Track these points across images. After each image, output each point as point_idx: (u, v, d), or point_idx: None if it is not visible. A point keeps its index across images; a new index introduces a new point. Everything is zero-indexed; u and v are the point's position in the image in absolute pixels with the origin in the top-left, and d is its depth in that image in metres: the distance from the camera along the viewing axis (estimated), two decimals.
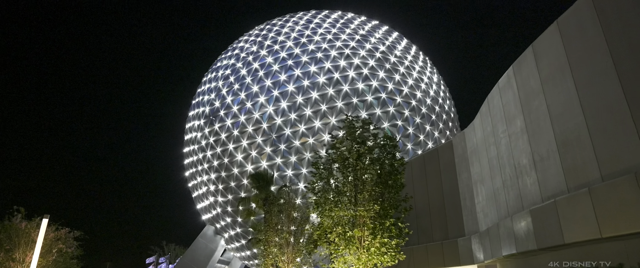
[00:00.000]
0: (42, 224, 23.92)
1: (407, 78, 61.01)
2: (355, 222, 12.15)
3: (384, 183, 12.30)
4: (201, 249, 63.46)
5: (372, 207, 11.89)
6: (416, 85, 61.57)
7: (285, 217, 22.47)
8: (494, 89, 17.06)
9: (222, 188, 59.75)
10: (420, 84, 62.08)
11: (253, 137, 56.79)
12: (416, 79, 62.24)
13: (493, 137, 17.19)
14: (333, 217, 12.22)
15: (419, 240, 22.43)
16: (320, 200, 12.68)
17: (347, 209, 12.11)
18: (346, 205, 12.15)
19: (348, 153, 12.74)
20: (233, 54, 67.18)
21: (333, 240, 12.25)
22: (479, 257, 18.46)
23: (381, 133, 12.30)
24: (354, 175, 11.95)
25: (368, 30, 65.49)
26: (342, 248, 12.05)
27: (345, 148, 12.88)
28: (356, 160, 12.20)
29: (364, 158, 12.12)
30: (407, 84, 60.35)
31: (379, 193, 12.28)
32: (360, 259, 11.69)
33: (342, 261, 12.03)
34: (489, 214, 18.14)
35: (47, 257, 26.69)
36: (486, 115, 18.03)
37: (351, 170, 11.94)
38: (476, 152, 19.82)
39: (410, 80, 61.16)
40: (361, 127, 12.88)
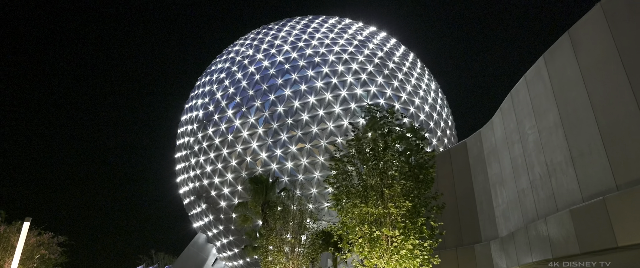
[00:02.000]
0: (23, 228, 21.99)
1: (405, 84, 60.16)
2: (383, 220, 10.79)
3: (415, 177, 11.00)
4: (192, 258, 61.22)
5: (404, 204, 10.57)
6: (414, 92, 60.73)
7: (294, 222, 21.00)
8: (519, 82, 15.93)
9: (215, 195, 57.86)
10: (418, 90, 61.27)
11: (248, 142, 55.21)
12: (414, 86, 61.44)
13: (518, 134, 16.01)
14: (358, 215, 10.83)
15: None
16: (341, 195, 11.30)
17: (374, 206, 10.75)
18: (374, 201, 10.81)
19: (374, 144, 11.43)
20: (228, 57, 65.80)
21: (356, 241, 10.84)
22: (501, 264, 17.13)
23: (407, 124, 10.99)
24: (382, 167, 10.62)
25: (366, 36, 64.72)
26: (367, 251, 10.66)
27: (370, 138, 11.55)
28: (383, 151, 10.89)
29: (391, 149, 10.81)
30: (405, 90, 59.48)
31: (410, 188, 10.97)
32: (389, 263, 10.31)
33: (370, 266, 10.59)
34: (512, 218, 16.88)
35: (27, 263, 24.69)
36: (509, 111, 16.87)
37: (377, 163, 10.60)
38: (495, 152, 18.62)
39: (408, 87, 60.31)
40: (385, 116, 11.59)
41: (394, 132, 11.17)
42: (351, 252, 11.30)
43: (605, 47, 11.50)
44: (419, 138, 11.31)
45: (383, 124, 11.47)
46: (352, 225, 10.94)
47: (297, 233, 20.88)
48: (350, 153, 12.20)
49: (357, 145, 11.96)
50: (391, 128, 11.47)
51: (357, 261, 11.40)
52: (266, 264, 20.89)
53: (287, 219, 21.18)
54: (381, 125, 11.44)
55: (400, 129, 11.26)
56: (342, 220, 11.25)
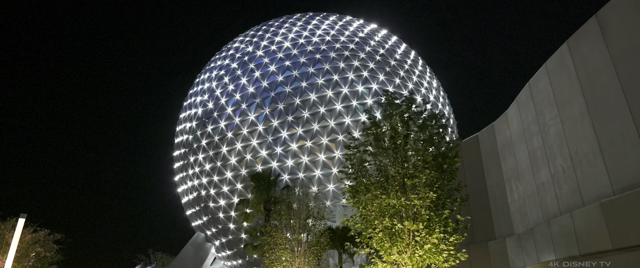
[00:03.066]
0: (18, 224, 21.15)
1: (407, 82, 59.49)
2: (405, 213, 10.06)
3: (439, 167, 10.28)
4: (190, 257, 60.33)
5: (428, 195, 9.84)
6: (416, 90, 60.03)
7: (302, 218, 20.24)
8: (539, 71, 15.25)
9: (214, 193, 56.98)
10: (420, 88, 60.62)
11: (248, 140, 54.38)
12: (416, 83, 60.79)
13: (537, 125, 15.32)
14: (379, 207, 10.09)
15: None
16: (359, 186, 10.54)
17: (396, 197, 10.00)
18: (395, 192, 10.06)
19: (394, 132, 10.69)
20: (228, 54, 64.93)
21: (376, 235, 10.08)
22: (518, 262, 16.44)
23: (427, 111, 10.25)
24: (403, 156, 9.88)
25: (367, 33, 64.01)
26: (387, 246, 9.91)
27: (390, 125, 10.80)
28: (404, 139, 10.16)
29: (413, 137, 10.08)
30: (407, 87, 58.77)
31: (435, 179, 10.24)
32: (411, 259, 9.57)
33: (390, 261, 9.82)
34: (530, 214, 16.20)
35: (23, 261, 23.81)
36: (527, 102, 16.18)
37: (399, 152, 9.86)
38: (510, 145, 17.94)
39: (410, 84, 59.63)
40: (405, 103, 10.84)
41: (414, 119, 10.44)
42: (369, 247, 10.54)
43: (638, 31, 10.82)
44: (440, 126, 10.58)
45: (403, 111, 10.73)
46: (371, 218, 10.20)
47: (304, 229, 20.14)
48: (368, 141, 11.42)
49: (376, 133, 11.18)
50: (411, 115, 10.74)
51: (375, 257, 10.64)
52: (271, 262, 20.12)
53: (293, 215, 20.42)
54: (401, 111, 10.71)
55: (421, 116, 10.50)
56: (360, 213, 10.48)
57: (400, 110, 10.78)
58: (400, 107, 10.79)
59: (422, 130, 10.17)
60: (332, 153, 52.56)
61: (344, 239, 24.01)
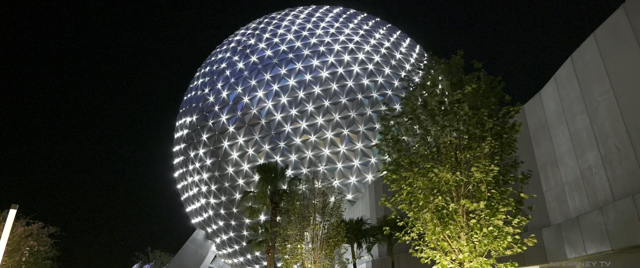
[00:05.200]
0: (9, 216, 19.47)
1: (413, 76, 58.04)
2: (460, 190, 8.56)
3: (499, 136, 8.78)
4: (190, 255, 58.70)
5: (490, 168, 8.34)
6: (422, 84, 58.56)
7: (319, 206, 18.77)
8: (585, 43, 13.77)
9: (215, 189, 55.38)
10: (426, 82, 59.19)
11: (250, 134, 52.81)
12: (423, 77, 59.30)
13: (582, 103, 13.85)
14: (431, 182, 8.57)
15: None
16: (403, 161, 8.99)
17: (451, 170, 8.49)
18: (451, 165, 8.55)
19: (445, 95, 9.19)
20: (229, 47, 63.31)
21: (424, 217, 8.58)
22: (558, 254, 14.97)
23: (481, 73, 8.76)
24: (457, 124, 8.39)
25: (372, 26, 62.51)
26: (438, 230, 8.40)
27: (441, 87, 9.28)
28: (457, 104, 8.68)
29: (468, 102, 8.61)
30: (413, 81, 57.32)
31: (497, 149, 8.75)
32: (468, 243, 8.07)
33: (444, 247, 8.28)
34: (572, 202, 14.73)
35: (14, 256, 22.22)
36: (568, 78, 14.71)
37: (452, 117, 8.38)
38: (545, 128, 16.48)
39: (416, 78, 58.12)
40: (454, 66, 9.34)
41: (467, 81, 8.96)
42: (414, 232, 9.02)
43: None
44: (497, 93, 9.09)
45: (455, 73, 9.23)
46: (420, 196, 8.69)
47: (323, 218, 18.65)
48: (410, 108, 9.86)
49: (423, 96, 9.61)
50: (463, 77, 9.26)
51: (421, 243, 9.11)
52: (285, 253, 18.61)
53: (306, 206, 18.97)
54: (453, 73, 9.21)
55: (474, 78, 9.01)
56: (405, 191, 8.96)
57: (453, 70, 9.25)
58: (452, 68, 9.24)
59: (477, 93, 8.69)
60: (337, 148, 51.08)
61: (359, 232, 22.59)
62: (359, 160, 51.37)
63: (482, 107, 8.83)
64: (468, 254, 8.18)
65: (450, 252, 8.52)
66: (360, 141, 51.64)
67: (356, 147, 51.37)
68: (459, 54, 9.59)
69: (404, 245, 26.15)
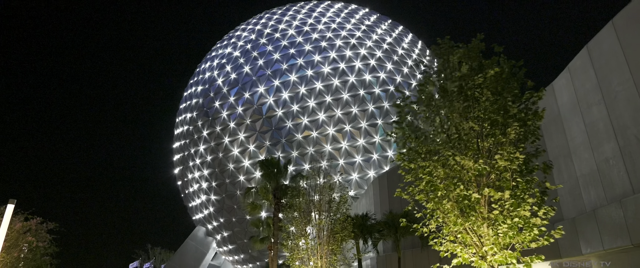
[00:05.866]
0: (6, 210, 19.02)
1: (415, 71, 57.53)
2: (482, 179, 8.10)
3: (523, 123, 8.31)
4: (191, 252, 58.30)
5: (515, 155, 7.88)
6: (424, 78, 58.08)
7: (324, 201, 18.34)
8: (602, 32, 13.31)
9: (216, 185, 54.94)
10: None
11: (251, 130, 52.31)
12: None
13: (599, 93, 13.40)
14: (453, 170, 8.11)
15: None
16: (421, 147, 8.51)
17: (474, 158, 8.02)
18: (475, 152, 8.08)
19: (465, 79, 8.69)
20: (229, 43, 62.74)
21: (444, 207, 8.13)
22: (572, 250, 14.54)
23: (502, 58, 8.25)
24: (479, 110, 7.92)
25: (374, 22, 61.96)
26: (460, 222, 7.94)
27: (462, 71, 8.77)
28: (478, 90, 8.20)
29: (489, 87, 8.14)
30: (415, 77, 56.84)
31: (521, 136, 8.28)
32: (491, 235, 7.60)
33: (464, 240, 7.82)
34: (586, 195, 14.30)
35: (12, 252, 21.77)
36: (584, 68, 14.25)
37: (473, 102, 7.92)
38: (558, 120, 16.03)
39: (418, 74, 57.68)
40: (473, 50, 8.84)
41: (487, 66, 8.47)
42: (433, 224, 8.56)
43: None
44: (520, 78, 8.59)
45: (474, 57, 8.73)
46: (440, 186, 8.24)
47: (328, 213, 18.22)
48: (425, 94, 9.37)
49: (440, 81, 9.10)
50: (482, 62, 8.77)
51: (440, 235, 8.66)
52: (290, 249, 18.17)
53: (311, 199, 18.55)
54: (472, 58, 8.70)
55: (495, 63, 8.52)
56: (425, 180, 8.49)
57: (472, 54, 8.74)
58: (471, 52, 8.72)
59: (499, 78, 8.22)
60: (339, 144, 50.63)
61: (364, 228, 22.16)
62: (360, 157, 50.95)
63: (505, 92, 8.37)
64: (492, 246, 7.73)
65: (472, 244, 8.07)
66: (362, 137, 51.22)
67: (358, 143, 50.96)
68: (479, 38, 9.12)
69: (409, 241, 25.79)
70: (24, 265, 23.69)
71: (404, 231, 20.57)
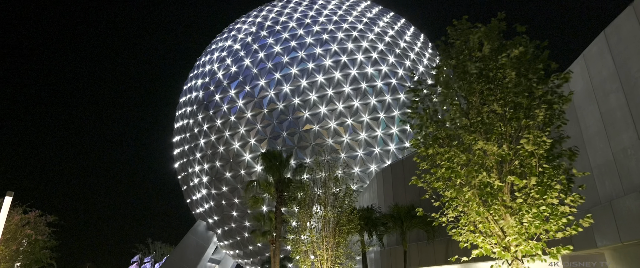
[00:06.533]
0: (4, 203, 18.61)
1: (417, 65, 57.01)
2: (505, 165, 7.67)
3: (550, 106, 7.85)
4: (191, 246, 58.06)
5: (542, 139, 7.44)
6: (427, 73, 57.58)
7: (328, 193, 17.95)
8: (621, 16, 12.84)
9: (216, 179, 54.56)
10: (431, 71, 58.22)
11: (252, 124, 51.84)
12: (427, 66, 58.29)
13: (617, 80, 12.95)
14: (477, 157, 7.66)
15: None
16: (440, 131, 8.05)
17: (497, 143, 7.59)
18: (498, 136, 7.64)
19: (486, 60, 8.20)
20: (230, 35, 62.10)
21: (464, 196, 7.70)
22: (584, 243, 14.15)
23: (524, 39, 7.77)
24: (502, 92, 7.48)
25: (375, 14, 61.32)
26: (482, 210, 7.51)
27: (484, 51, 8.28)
28: (501, 71, 7.74)
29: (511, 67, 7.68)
30: (418, 70, 56.35)
31: (548, 120, 7.84)
32: (513, 226, 7.17)
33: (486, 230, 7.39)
34: (601, 186, 13.91)
35: (11, 245, 21.33)
36: (601, 55, 13.78)
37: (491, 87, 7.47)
38: (571, 109, 15.59)
39: (421, 67, 57.18)
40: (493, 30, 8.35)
41: (509, 47, 7.99)
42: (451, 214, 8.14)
43: None
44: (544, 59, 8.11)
45: (495, 38, 8.25)
46: (460, 173, 7.80)
47: (334, 205, 17.83)
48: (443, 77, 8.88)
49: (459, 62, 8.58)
50: (504, 42, 8.29)
51: (459, 225, 8.24)
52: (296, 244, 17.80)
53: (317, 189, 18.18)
54: (492, 38, 8.21)
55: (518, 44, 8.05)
56: (444, 166, 8.05)
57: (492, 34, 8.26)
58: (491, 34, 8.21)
59: (524, 58, 7.75)
60: (341, 138, 50.21)
61: (369, 221, 21.78)
62: (362, 151, 50.57)
63: (530, 73, 7.91)
64: (516, 237, 7.30)
65: (493, 235, 7.65)
66: (364, 131, 50.82)
67: (360, 136, 50.57)
68: (499, 17, 8.64)
69: (414, 234, 25.44)
70: (23, 258, 23.31)
71: (410, 224, 20.22)
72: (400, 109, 52.09)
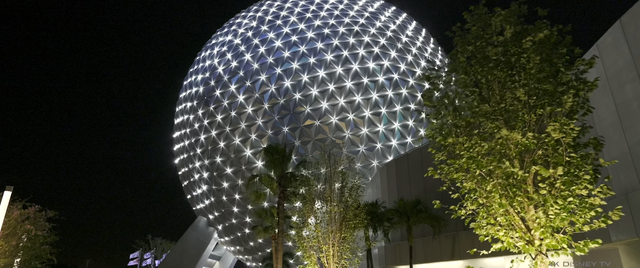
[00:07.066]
0: (3, 197, 18.26)
1: (419, 59, 56.57)
2: (529, 156, 7.31)
3: (576, 93, 7.49)
4: (192, 242, 57.80)
5: (570, 127, 7.09)
6: (429, 68, 57.16)
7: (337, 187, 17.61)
8: (638, 3, 12.43)
9: (217, 175, 54.22)
10: (433, 66, 57.82)
11: (253, 119, 51.45)
12: (429, 61, 57.90)
13: (634, 70, 12.60)
14: (501, 145, 7.30)
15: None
16: (459, 120, 7.68)
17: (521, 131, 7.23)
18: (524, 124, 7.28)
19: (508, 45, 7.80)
20: (230, 30, 61.57)
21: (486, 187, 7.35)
22: (596, 237, 13.80)
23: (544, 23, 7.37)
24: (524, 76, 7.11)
25: (377, 8, 60.82)
26: (505, 203, 7.15)
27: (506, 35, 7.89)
28: (525, 56, 7.35)
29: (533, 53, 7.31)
30: (419, 65, 55.90)
31: (576, 107, 7.46)
32: (539, 218, 6.82)
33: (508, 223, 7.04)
34: (616, 180, 13.55)
35: (10, 240, 20.98)
36: (616, 44, 13.41)
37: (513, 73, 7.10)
38: None
39: (422, 62, 56.72)
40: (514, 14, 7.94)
41: (531, 31, 7.62)
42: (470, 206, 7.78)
43: None
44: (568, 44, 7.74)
45: (515, 22, 7.86)
46: (482, 163, 7.43)
47: (340, 200, 17.48)
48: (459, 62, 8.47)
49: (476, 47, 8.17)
50: (525, 27, 7.89)
51: (480, 218, 7.87)
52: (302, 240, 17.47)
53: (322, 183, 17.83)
54: (513, 23, 7.83)
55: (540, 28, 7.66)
56: (467, 156, 7.66)
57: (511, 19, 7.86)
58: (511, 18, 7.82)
59: (548, 42, 7.38)
60: (342, 133, 49.85)
61: (374, 216, 21.46)
62: (364, 146, 50.25)
63: (555, 57, 7.53)
64: (542, 230, 6.95)
65: (517, 228, 7.29)
66: (366, 126, 50.48)
67: (361, 132, 50.23)
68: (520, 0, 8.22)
69: (419, 229, 25.14)
70: (23, 254, 22.99)
71: (416, 219, 19.90)
72: (402, 104, 51.76)
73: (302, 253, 17.38)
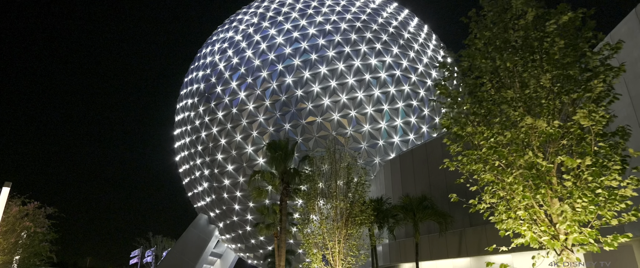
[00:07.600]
0: (2, 193, 17.89)
1: (421, 56, 56.13)
2: (554, 145, 6.93)
3: (603, 79, 7.14)
4: (193, 239, 57.51)
5: (600, 114, 6.72)
6: (431, 64, 56.72)
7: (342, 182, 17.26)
8: None
9: (218, 172, 53.89)
10: (435, 63, 57.34)
11: (254, 116, 51.06)
12: (431, 58, 57.45)
13: None
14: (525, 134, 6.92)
15: None
16: (479, 110, 7.30)
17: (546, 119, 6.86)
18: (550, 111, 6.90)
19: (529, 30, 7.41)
20: (231, 26, 61.12)
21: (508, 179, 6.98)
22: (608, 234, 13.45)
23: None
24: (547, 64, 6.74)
25: (379, 5, 60.36)
26: (528, 195, 6.79)
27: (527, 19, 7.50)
28: (548, 40, 6.99)
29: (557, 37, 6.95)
30: (422, 61, 55.46)
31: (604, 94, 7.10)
32: (566, 211, 6.46)
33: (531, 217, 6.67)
34: None
35: (9, 237, 20.62)
36: (631, 35, 13.06)
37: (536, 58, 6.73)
38: None
39: (425, 59, 56.29)
40: None
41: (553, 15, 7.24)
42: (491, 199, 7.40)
43: None
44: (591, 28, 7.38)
45: (536, 6, 7.48)
46: (504, 153, 7.05)
47: (346, 195, 17.13)
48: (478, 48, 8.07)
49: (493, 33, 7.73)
50: (546, 10, 7.50)
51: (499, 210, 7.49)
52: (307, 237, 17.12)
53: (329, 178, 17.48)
54: (534, 6, 7.45)
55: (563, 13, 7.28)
56: (488, 146, 7.25)
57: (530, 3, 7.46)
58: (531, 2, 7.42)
59: (573, 25, 7.01)
60: (344, 130, 49.47)
61: (379, 212, 21.10)
62: (366, 143, 49.88)
63: (580, 41, 7.15)
64: (569, 224, 6.57)
65: (542, 222, 6.90)
66: (368, 123, 50.13)
67: (363, 129, 49.86)
68: None
69: (425, 226, 24.79)
70: (23, 251, 22.64)
71: (422, 215, 19.54)
72: (404, 100, 51.37)
73: (306, 250, 17.03)
